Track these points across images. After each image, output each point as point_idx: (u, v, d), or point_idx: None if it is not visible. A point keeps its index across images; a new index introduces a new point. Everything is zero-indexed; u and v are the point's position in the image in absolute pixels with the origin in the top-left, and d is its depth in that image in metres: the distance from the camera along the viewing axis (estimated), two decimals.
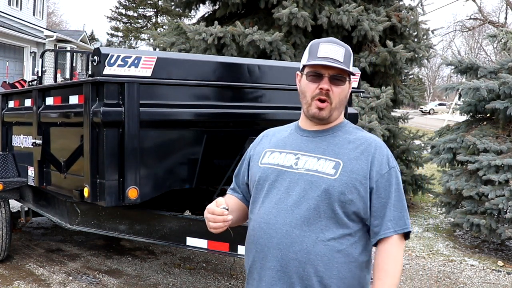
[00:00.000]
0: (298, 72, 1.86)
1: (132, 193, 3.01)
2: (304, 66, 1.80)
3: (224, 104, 3.48)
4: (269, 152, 1.85)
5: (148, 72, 3.00)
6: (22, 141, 4.22)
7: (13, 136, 4.48)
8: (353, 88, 4.10)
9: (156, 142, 3.23)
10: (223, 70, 3.52)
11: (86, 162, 3.06)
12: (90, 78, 2.97)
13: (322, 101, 1.75)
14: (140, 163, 3.04)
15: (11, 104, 4.46)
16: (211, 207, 1.78)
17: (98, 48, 2.91)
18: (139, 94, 2.99)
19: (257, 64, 3.66)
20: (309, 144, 1.79)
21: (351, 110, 4.15)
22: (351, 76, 1.81)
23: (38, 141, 3.69)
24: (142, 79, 2.99)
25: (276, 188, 1.76)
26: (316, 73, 1.75)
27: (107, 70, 2.87)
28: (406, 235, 1.77)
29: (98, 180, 3.03)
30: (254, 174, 1.85)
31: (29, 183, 4.18)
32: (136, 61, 2.94)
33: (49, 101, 3.71)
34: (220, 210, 1.74)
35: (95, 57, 2.88)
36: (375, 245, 1.77)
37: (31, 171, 4.06)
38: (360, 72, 4.19)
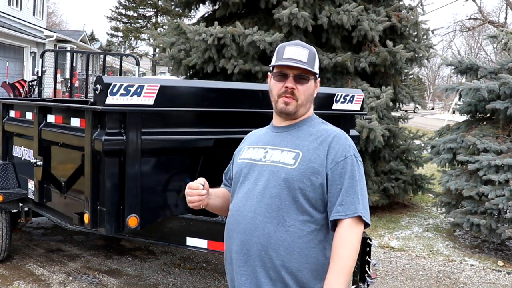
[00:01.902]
0: (269, 74, 2.02)
1: (132, 221, 3.01)
2: (272, 68, 1.97)
3: (226, 130, 3.46)
4: (246, 148, 2.05)
5: (150, 101, 2.98)
6: (23, 153, 4.17)
7: (13, 146, 4.40)
8: (356, 110, 4.11)
9: (157, 170, 3.24)
10: (227, 96, 3.51)
11: (87, 189, 3.06)
12: (92, 106, 2.96)
13: (288, 97, 1.91)
14: (140, 191, 3.04)
15: (12, 113, 4.39)
16: (190, 183, 1.98)
17: (100, 77, 2.89)
18: (141, 123, 2.99)
19: (260, 89, 3.66)
20: (276, 138, 1.97)
21: (352, 132, 4.08)
22: (317, 76, 1.97)
23: (39, 162, 3.67)
24: (144, 108, 2.98)
25: (247, 179, 1.95)
26: (282, 73, 1.92)
27: (110, 100, 2.85)
28: (365, 223, 1.84)
29: (98, 207, 3.03)
30: (233, 169, 2.06)
31: (29, 196, 4.13)
32: (138, 90, 2.93)
33: (51, 118, 3.69)
34: (196, 185, 1.95)
35: (98, 86, 2.87)
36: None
37: (31, 184, 4.02)
38: (363, 95, 4.08)
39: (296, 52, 1.90)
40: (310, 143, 1.88)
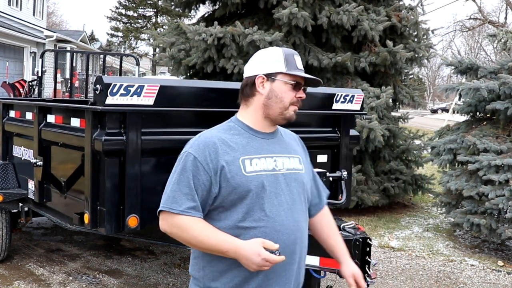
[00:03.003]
0: (262, 75, 1.90)
1: (132, 221, 3.00)
2: (278, 73, 1.89)
3: None
4: (247, 159, 1.84)
5: (150, 101, 2.97)
6: (23, 153, 4.16)
7: (13, 146, 4.39)
8: (356, 110, 4.13)
9: (157, 170, 3.22)
10: (227, 96, 3.49)
11: (87, 189, 3.06)
12: (92, 106, 2.95)
13: (296, 107, 1.98)
14: (140, 191, 3.04)
15: (12, 113, 4.38)
16: (268, 256, 1.71)
17: (100, 77, 2.88)
18: (141, 123, 2.99)
19: None
20: (274, 146, 1.95)
21: (352, 132, 4.07)
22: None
23: (39, 162, 3.67)
24: (144, 108, 2.97)
25: (272, 191, 1.86)
26: (297, 82, 1.92)
27: (109, 100, 2.84)
28: None
29: (98, 207, 3.03)
30: (240, 184, 1.80)
31: (29, 196, 4.12)
32: (138, 90, 2.92)
33: (51, 118, 3.68)
34: (280, 258, 1.73)
35: (98, 86, 2.86)
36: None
37: (31, 184, 4.01)
38: (363, 95, 4.06)
39: (301, 63, 1.96)
40: (296, 146, 2.04)
